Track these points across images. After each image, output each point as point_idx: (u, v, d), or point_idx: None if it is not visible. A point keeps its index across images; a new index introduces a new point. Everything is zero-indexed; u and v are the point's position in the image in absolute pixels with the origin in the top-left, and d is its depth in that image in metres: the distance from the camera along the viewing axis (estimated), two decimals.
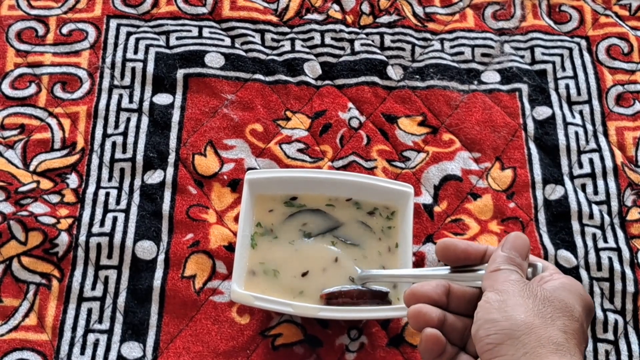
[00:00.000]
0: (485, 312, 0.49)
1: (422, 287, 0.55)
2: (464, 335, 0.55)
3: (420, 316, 0.53)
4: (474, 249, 0.57)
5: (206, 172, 0.77)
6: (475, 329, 0.49)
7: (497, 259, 0.53)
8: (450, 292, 0.55)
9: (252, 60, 0.84)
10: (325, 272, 0.67)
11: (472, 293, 0.56)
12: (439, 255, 0.57)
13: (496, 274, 0.52)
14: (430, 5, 0.89)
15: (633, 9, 0.90)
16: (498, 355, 0.47)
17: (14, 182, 0.76)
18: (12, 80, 0.81)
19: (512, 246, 0.54)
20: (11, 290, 0.71)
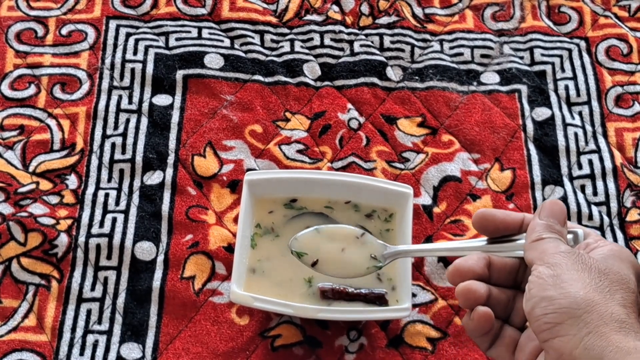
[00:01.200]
0: (540, 289, 0.46)
1: (466, 262, 0.53)
2: (507, 308, 0.53)
3: (470, 293, 0.52)
4: (511, 218, 0.55)
5: (205, 173, 0.77)
6: (529, 306, 0.47)
7: (536, 228, 0.51)
8: (491, 264, 0.54)
9: (251, 61, 0.84)
10: (346, 251, 0.64)
11: (513, 264, 0.54)
12: (477, 226, 0.55)
13: (540, 244, 0.50)
14: (429, 6, 0.89)
15: (632, 10, 0.90)
16: (558, 336, 0.44)
17: (14, 183, 0.76)
18: (11, 81, 0.81)
19: (550, 213, 0.52)
20: (10, 291, 0.71)
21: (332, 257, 0.63)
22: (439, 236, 0.75)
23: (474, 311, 0.51)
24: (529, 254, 0.50)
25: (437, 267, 0.73)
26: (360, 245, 0.64)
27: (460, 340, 0.70)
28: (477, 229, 0.56)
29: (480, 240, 0.56)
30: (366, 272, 0.63)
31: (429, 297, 0.72)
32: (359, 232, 0.64)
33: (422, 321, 0.71)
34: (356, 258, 0.63)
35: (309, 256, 0.63)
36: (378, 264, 0.63)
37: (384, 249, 0.63)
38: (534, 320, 0.46)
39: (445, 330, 0.71)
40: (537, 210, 0.53)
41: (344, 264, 0.63)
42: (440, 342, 0.70)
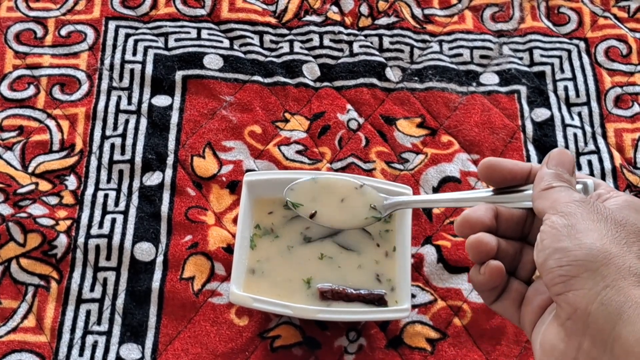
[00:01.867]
0: (554, 240, 0.44)
1: (475, 213, 0.50)
2: (514, 260, 0.51)
3: (481, 246, 0.49)
4: (519, 167, 0.52)
5: (205, 174, 0.77)
6: (542, 258, 0.44)
7: (545, 177, 0.49)
8: (498, 215, 0.51)
9: (250, 62, 0.84)
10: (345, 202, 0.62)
11: (520, 215, 0.52)
12: (483, 175, 0.52)
13: (551, 193, 0.47)
14: (428, 7, 0.89)
15: (632, 10, 0.90)
16: (573, 289, 0.42)
17: (13, 183, 0.76)
18: (10, 82, 0.81)
19: (558, 162, 0.49)
20: (10, 291, 0.71)
21: (331, 208, 0.62)
22: (439, 237, 0.75)
23: (486, 265, 0.49)
24: (539, 202, 0.48)
25: (437, 267, 0.73)
26: (359, 196, 0.62)
27: (459, 341, 0.70)
28: (483, 178, 0.53)
29: (486, 191, 0.54)
30: (365, 222, 0.61)
31: (429, 298, 0.72)
32: (358, 183, 0.62)
33: (421, 322, 0.71)
34: (355, 208, 0.62)
35: (306, 207, 0.62)
36: (377, 215, 0.61)
37: (384, 200, 0.61)
38: (547, 273, 0.44)
39: (444, 331, 0.71)
40: (545, 159, 0.50)
41: (343, 214, 0.62)
42: (440, 343, 0.70)
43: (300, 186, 0.63)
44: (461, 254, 0.74)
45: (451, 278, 0.73)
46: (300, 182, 0.62)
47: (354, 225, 0.62)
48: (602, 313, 0.41)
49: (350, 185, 0.62)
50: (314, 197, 0.63)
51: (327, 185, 0.63)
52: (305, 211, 0.62)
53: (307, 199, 0.62)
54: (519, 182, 0.52)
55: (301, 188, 0.63)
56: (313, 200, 0.63)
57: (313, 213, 0.62)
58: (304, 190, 0.63)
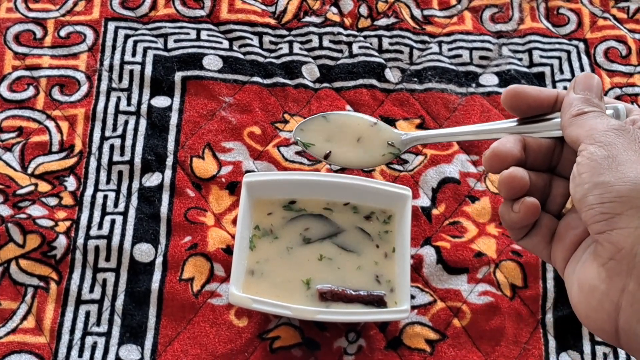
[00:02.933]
0: (593, 173, 0.40)
1: (504, 145, 0.46)
2: (544, 194, 0.48)
3: (515, 181, 0.45)
4: (545, 94, 0.48)
5: (204, 175, 0.77)
6: (580, 193, 0.41)
7: (573, 102, 0.45)
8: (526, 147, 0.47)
9: (250, 63, 0.84)
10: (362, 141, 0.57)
11: (549, 145, 0.48)
12: (508, 104, 0.48)
13: (585, 120, 0.44)
14: (428, 7, 0.89)
15: (631, 11, 0.90)
16: (616, 228, 0.39)
17: (12, 184, 0.76)
18: (10, 83, 0.81)
19: (585, 86, 0.46)
20: (9, 293, 0.71)
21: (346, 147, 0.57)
22: (438, 238, 0.75)
23: (521, 202, 0.45)
24: (571, 130, 0.44)
25: (436, 268, 0.73)
26: (376, 133, 0.57)
27: (458, 342, 0.70)
28: (508, 108, 0.49)
29: (510, 121, 0.50)
30: (382, 159, 0.56)
31: (428, 299, 0.72)
32: (372, 120, 0.58)
33: (420, 323, 0.71)
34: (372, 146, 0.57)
35: (319, 147, 0.57)
36: (395, 152, 0.56)
37: (401, 136, 0.56)
38: (587, 209, 0.40)
39: (444, 332, 0.71)
40: (571, 84, 0.47)
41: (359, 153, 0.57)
42: (439, 344, 0.70)
43: (311, 125, 0.57)
44: (460, 255, 0.74)
45: (450, 279, 0.73)
46: (310, 119, 0.57)
47: (371, 163, 0.57)
48: None
49: (365, 123, 0.57)
50: (328, 137, 0.57)
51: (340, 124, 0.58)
52: (318, 151, 0.57)
53: (319, 139, 0.57)
54: (545, 110, 0.49)
55: (312, 127, 0.57)
56: (327, 141, 0.57)
57: (327, 153, 0.56)
58: (316, 130, 0.57)
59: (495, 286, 0.73)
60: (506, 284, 0.73)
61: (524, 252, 0.74)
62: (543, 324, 0.72)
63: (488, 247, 0.74)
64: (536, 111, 0.49)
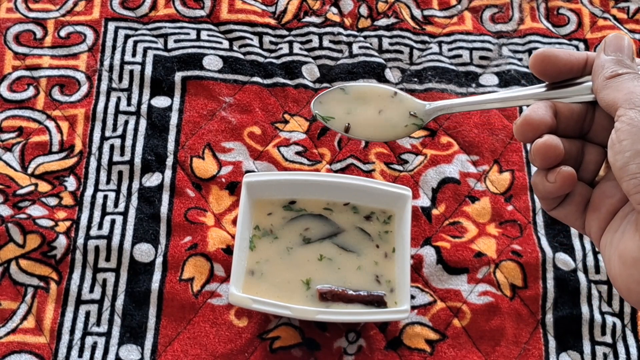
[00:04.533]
0: (635, 140, 0.39)
1: (536, 113, 0.44)
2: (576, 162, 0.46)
3: (550, 150, 0.43)
4: (575, 57, 0.46)
5: (204, 175, 0.77)
6: (621, 161, 0.39)
7: (605, 64, 0.43)
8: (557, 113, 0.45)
9: (250, 63, 0.84)
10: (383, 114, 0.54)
11: (580, 110, 0.46)
12: (537, 68, 0.46)
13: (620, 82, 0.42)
14: (428, 8, 0.89)
15: (631, 11, 0.90)
16: None
17: (12, 184, 0.76)
18: (10, 83, 0.81)
19: (616, 47, 0.44)
20: (9, 293, 0.71)
21: (366, 120, 0.55)
22: (438, 238, 0.75)
23: (557, 172, 0.43)
24: (607, 93, 0.42)
25: (436, 269, 0.73)
26: (397, 104, 0.55)
27: (458, 342, 0.70)
28: (537, 72, 0.47)
29: (538, 87, 0.48)
30: (406, 131, 0.54)
31: (428, 299, 0.72)
32: (392, 90, 0.55)
33: (420, 323, 0.71)
34: (394, 118, 0.55)
35: (338, 120, 0.54)
36: (419, 122, 0.53)
37: (425, 106, 0.53)
38: (628, 178, 0.39)
39: (444, 332, 0.71)
40: (600, 46, 0.45)
41: (381, 126, 0.55)
42: (439, 344, 0.70)
43: (329, 97, 0.55)
44: (460, 255, 0.74)
45: (450, 279, 0.73)
46: (328, 92, 0.55)
47: (394, 135, 0.54)
48: None
49: (385, 94, 0.55)
50: (348, 110, 0.55)
51: (360, 95, 0.55)
52: (338, 125, 0.54)
53: (339, 112, 0.55)
54: (575, 74, 0.46)
55: (330, 100, 0.55)
56: (347, 113, 0.55)
57: (347, 126, 0.54)
58: (334, 102, 0.55)
59: (495, 286, 0.73)
60: (506, 284, 0.73)
61: (524, 252, 0.74)
62: (543, 324, 0.72)
63: (488, 247, 0.74)
64: (566, 75, 0.46)
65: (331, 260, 0.69)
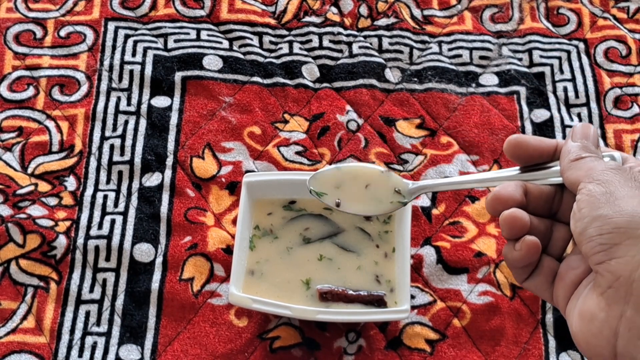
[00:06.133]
0: (592, 207, 0.43)
1: (506, 190, 0.49)
2: (545, 238, 0.50)
3: (516, 221, 0.48)
4: (545, 144, 0.51)
5: (204, 175, 0.77)
6: (581, 227, 0.43)
7: (572, 149, 0.48)
8: (527, 193, 0.50)
9: (250, 63, 0.84)
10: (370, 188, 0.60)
11: (549, 192, 0.50)
12: (510, 153, 0.51)
13: (583, 163, 0.46)
14: (428, 7, 0.89)
15: (631, 11, 0.90)
16: (614, 257, 0.41)
17: (12, 184, 0.76)
18: (10, 83, 0.81)
19: (583, 135, 0.49)
20: (9, 292, 0.71)
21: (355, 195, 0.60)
22: (438, 238, 0.75)
23: (522, 241, 0.48)
24: (571, 173, 0.47)
25: (436, 268, 0.73)
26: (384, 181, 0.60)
27: (458, 342, 0.70)
28: (510, 157, 0.52)
29: (512, 170, 0.53)
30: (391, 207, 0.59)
31: (428, 299, 0.72)
32: (382, 168, 0.60)
33: (420, 323, 0.71)
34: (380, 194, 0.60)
35: (330, 195, 0.60)
36: (403, 200, 0.59)
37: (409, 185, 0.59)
38: (587, 242, 0.43)
39: (443, 332, 0.71)
40: (569, 134, 0.50)
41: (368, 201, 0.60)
42: (439, 344, 0.70)
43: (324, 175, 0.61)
44: (460, 255, 0.74)
45: (450, 279, 0.73)
46: (324, 170, 0.61)
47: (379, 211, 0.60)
48: None
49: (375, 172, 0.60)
50: (338, 184, 0.61)
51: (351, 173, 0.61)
52: (330, 200, 0.60)
53: (330, 187, 0.61)
54: (546, 159, 0.51)
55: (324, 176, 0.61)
56: (337, 188, 0.61)
57: (338, 202, 0.60)
58: (328, 178, 0.61)
59: (495, 286, 0.73)
60: (506, 284, 0.73)
61: None
62: (543, 324, 0.72)
63: (488, 247, 0.74)
64: (537, 160, 0.51)
65: (331, 260, 0.69)
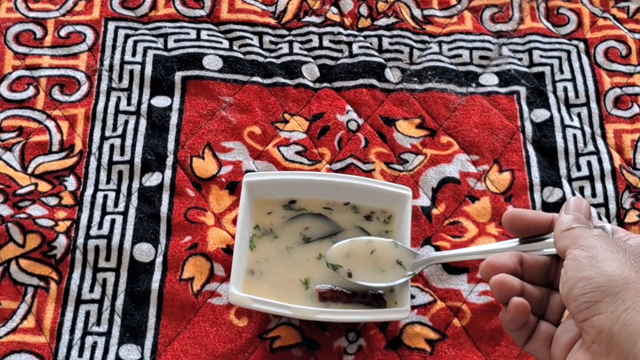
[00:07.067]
0: (576, 270, 0.47)
1: (499, 258, 0.54)
2: (542, 305, 0.55)
3: (504, 285, 0.53)
4: (541, 217, 0.56)
5: (204, 175, 0.77)
6: (567, 288, 0.48)
7: (564, 221, 0.53)
8: (523, 262, 0.55)
9: (250, 63, 0.84)
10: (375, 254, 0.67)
11: (545, 262, 0.56)
12: (508, 226, 0.57)
13: (572, 232, 0.51)
14: (428, 7, 0.89)
15: (631, 11, 0.90)
16: (597, 314, 0.45)
17: (12, 184, 0.76)
18: (10, 83, 0.81)
19: (575, 208, 0.54)
20: (9, 292, 0.71)
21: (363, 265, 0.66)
22: (438, 238, 0.75)
23: (510, 302, 0.52)
24: (561, 242, 0.51)
25: (436, 269, 0.73)
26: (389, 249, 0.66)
27: (459, 342, 0.70)
28: (508, 229, 0.57)
29: (511, 242, 0.58)
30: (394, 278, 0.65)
31: (428, 299, 0.72)
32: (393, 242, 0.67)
33: (420, 323, 0.71)
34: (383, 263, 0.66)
35: (344, 268, 0.66)
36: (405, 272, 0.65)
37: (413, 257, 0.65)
38: (572, 301, 0.47)
39: (444, 332, 0.71)
40: (563, 207, 0.54)
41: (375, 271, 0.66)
42: (439, 344, 0.70)
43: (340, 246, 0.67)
44: None
45: (450, 279, 0.73)
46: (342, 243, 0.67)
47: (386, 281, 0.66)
48: (624, 333, 0.44)
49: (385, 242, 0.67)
50: (347, 253, 0.67)
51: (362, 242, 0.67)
52: (344, 271, 0.66)
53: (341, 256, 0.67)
54: (542, 231, 0.56)
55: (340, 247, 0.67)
56: (347, 256, 0.67)
57: (349, 272, 0.66)
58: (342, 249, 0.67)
59: None
60: None
61: None
62: None
63: None
64: (533, 232, 0.57)
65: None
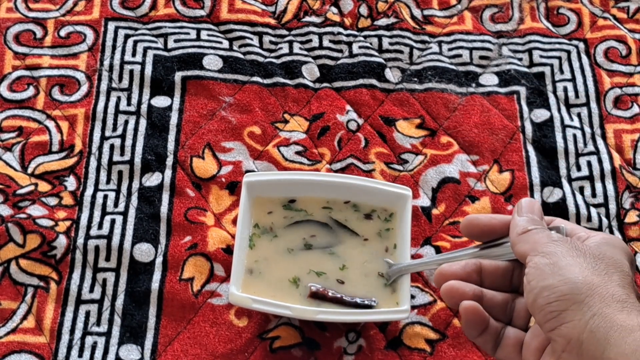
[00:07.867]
0: (539, 279, 0.47)
1: (450, 268, 0.55)
2: (507, 310, 0.54)
3: (453, 291, 0.53)
4: (498, 220, 0.55)
5: (204, 175, 0.77)
6: (531, 298, 0.47)
7: (519, 223, 0.52)
8: (482, 270, 0.55)
9: (250, 63, 0.84)
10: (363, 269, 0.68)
11: (505, 267, 0.55)
12: (465, 232, 0.56)
13: (530, 236, 0.50)
14: (428, 7, 0.89)
15: (631, 11, 0.90)
16: (564, 323, 0.45)
17: (12, 184, 0.76)
18: (10, 83, 0.81)
19: (528, 209, 0.53)
20: (9, 292, 0.71)
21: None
22: (438, 238, 0.75)
23: (460, 306, 0.52)
24: (519, 247, 0.51)
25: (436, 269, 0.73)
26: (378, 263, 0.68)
27: (458, 342, 0.70)
28: (466, 235, 0.57)
29: (472, 248, 0.57)
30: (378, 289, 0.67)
31: (428, 299, 0.72)
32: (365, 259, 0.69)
33: (420, 323, 0.71)
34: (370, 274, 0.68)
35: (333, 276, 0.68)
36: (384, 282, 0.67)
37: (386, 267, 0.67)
38: (538, 311, 0.46)
39: (444, 332, 0.71)
40: (514, 209, 0.54)
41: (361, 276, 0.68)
42: (439, 344, 0.70)
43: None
44: None
45: None
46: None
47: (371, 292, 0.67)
48: (592, 340, 0.44)
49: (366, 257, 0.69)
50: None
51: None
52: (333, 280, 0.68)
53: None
54: (499, 234, 0.55)
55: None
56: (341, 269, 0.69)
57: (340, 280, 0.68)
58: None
59: None
60: None
61: None
62: None
63: None
64: (491, 236, 0.56)
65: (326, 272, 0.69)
